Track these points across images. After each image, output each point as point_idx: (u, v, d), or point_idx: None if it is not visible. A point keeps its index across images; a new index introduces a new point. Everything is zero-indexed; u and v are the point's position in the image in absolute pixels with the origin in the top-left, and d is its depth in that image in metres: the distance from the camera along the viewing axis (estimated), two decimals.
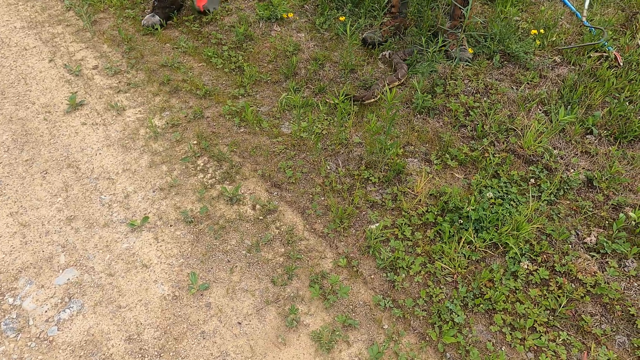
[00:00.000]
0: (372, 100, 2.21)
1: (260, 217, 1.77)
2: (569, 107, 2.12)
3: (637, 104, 2.16)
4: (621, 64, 2.43)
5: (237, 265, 1.61)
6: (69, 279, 1.56)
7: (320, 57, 2.51)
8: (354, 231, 1.71)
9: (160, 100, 2.28)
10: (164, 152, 2.01)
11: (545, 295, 1.50)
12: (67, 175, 1.91)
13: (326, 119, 2.13)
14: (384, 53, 2.50)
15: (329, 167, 1.95)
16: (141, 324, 1.45)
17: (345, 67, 2.42)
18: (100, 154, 2.01)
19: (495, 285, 1.51)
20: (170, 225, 1.73)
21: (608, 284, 1.52)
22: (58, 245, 1.66)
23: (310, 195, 1.83)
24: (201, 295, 1.52)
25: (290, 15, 2.79)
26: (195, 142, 2.06)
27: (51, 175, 1.91)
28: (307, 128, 2.08)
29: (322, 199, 1.81)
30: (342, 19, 2.68)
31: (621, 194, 1.81)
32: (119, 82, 2.39)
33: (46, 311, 1.47)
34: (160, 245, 1.66)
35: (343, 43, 2.64)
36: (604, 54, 2.50)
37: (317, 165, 1.94)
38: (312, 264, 1.62)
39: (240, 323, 1.45)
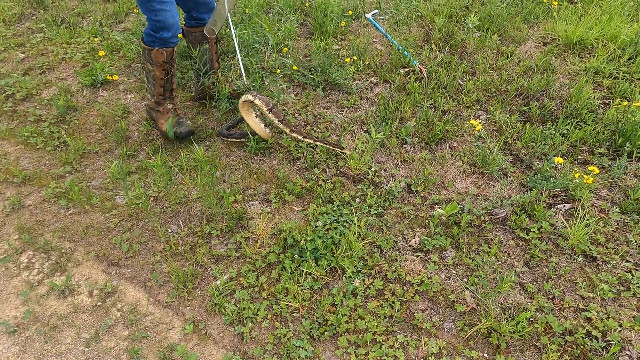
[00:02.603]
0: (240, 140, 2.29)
1: (99, 303, 1.66)
2: (384, 123, 2.37)
3: (438, 110, 2.49)
4: (425, 75, 2.79)
5: None
6: None
7: None
8: (199, 292, 1.69)
9: None
10: None
11: (382, 304, 1.63)
12: None
13: (162, 180, 2.09)
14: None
15: (170, 230, 1.91)
16: None
17: None
18: None
19: (337, 309, 1.61)
20: None
21: (430, 278, 1.71)
22: None
23: (151, 265, 1.77)
24: None
25: (116, 77, 2.71)
26: (15, 237, 1.87)
27: None
28: (142, 194, 2.01)
29: (164, 266, 1.76)
30: None
31: (435, 193, 2.06)
32: None
33: None
34: None
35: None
36: (411, 69, 2.86)
37: (157, 232, 1.88)
38: (160, 339, 1.56)
39: None
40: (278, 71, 2.72)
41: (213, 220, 1.93)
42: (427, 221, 1.93)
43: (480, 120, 2.46)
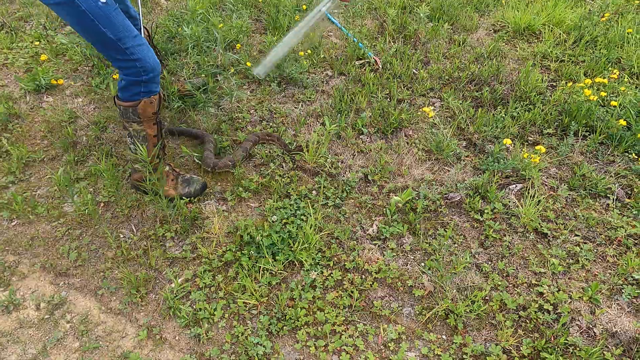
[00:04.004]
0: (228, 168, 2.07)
1: (47, 316, 1.58)
2: (339, 115, 2.37)
3: (393, 99, 2.51)
4: (380, 66, 2.81)
5: None
6: None
7: (102, 120, 2.38)
8: (154, 296, 1.63)
9: None
10: None
11: (341, 295, 1.62)
12: None
13: (112, 185, 2.02)
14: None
15: (122, 236, 1.84)
16: None
17: None
18: None
19: (296, 303, 1.59)
20: None
21: (388, 265, 1.71)
22: None
23: (102, 273, 1.70)
24: None
25: (61, 82, 2.60)
26: None
27: None
28: (91, 200, 1.93)
29: (116, 272, 1.70)
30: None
31: (391, 181, 2.08)
32: None
33: None
34: None
35: None
36: (366, 60, 2.87)
37: (108, 238, 1.81)
38: (113, 348, 1.50)
39: None
40: (232, 70, 2.68)
41: (167, 222, 1.87)
42: (384, 209, 1.94)
43: (433, 108, 2.50)
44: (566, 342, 1.45)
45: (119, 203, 1.95)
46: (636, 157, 2.11)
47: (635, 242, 1.77)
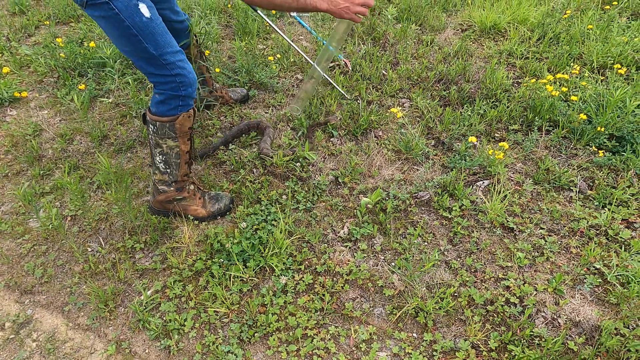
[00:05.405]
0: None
1: (12, 336, 1.54)
2: (309, 119, 2.38)
3: (363, 101, 2.53)
4: (350, 68, 2.83)
5: None
6: None
7: (68, 132, 2.34)
8: (122, 310, 1.61)
9: None
10: None
11: (313, 298, 1.63)
12: None
13: (78, 198, 1.98)
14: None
15: (89, 249, 1.81)
16: None
17: (95, 137, 2.29)
18: None
19: (267, 309, 1.59)
20: None
21: (359, 267, 1.72)
22: None
23: (69, 289, 1.67)
24: None
25: (25, 94, 2.54)
26: None
27: None
28: (57, 215, 1.90)
29: (83, 287, 1.67)
30: (81, 87, 2.55)
31: (362, 182, 2.09)
32: None
33: None
34: None
35: (92, 111, 2.51)
36: (336, 63, 2.88)
37: (75, 252, 1.78)
38: None
39: None
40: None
41: (136, 233, 1.85)
42: (355, 211, 1.95)
43: (402, 108, 2.53)
44: (532, 333, 1.48)
45: (86, 216, 1.92)
46: (596, 149, 2.17)
47: (597, 232, 1.82)
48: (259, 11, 2.33)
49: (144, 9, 1.42)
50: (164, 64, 1.51)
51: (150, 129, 1.67)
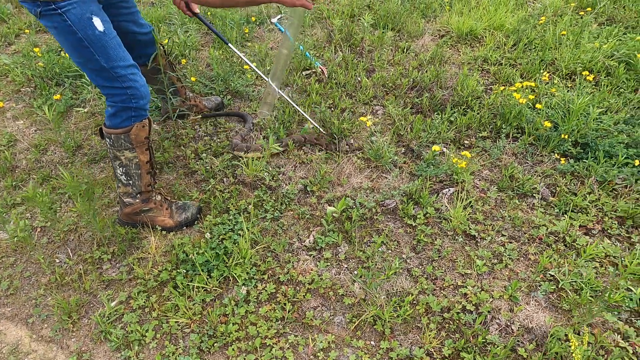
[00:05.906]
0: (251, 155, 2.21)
1: None
2: (282, 127, 2.41)
3: (337, 108, 2.56)
4: (326, 76, 2.86)
5: None
6: None
7: (43, 142, 2.37)
8: (86, 321, 1.64)
9: None
10: None
11: (274, 308, 1.66)
12: None
13: (51, 208, 2.01)
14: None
15: (57, 261, 1.83)
16: None
17: (69, 147, 2.32)
18: None
19: (228, 319, 1.62)
20: None
21: (321, 276, 1.75)
22: None
23: (34, 300, 1.69)
24: None
25: (1, 104, 2.57)
26: None
27: None
28: (26, 226, 1.92)
29: (49, 299, 1.70)
30: (57, 97, 2.57)
31: (330, 191, 2.12)
32: None
33: None
34: None
35: (68, 120, 2.54)
36: (313, 70, 2.91)
37: (42, 264, 1.81)
38: None
39: None
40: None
41: (104, 244, 1.88)
42: (321, 220, 1.98)
43: (372, 117, 2.56)
44: (484, 340, 1.52)
45: (56, 227, 1.95)
46: (558, 157, 2.20)
47: (556, 239, 1.85)
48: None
49: (97, 22, 1.45)
50: (115, 77, 1.53)
51: (107, 143, 1.70)
